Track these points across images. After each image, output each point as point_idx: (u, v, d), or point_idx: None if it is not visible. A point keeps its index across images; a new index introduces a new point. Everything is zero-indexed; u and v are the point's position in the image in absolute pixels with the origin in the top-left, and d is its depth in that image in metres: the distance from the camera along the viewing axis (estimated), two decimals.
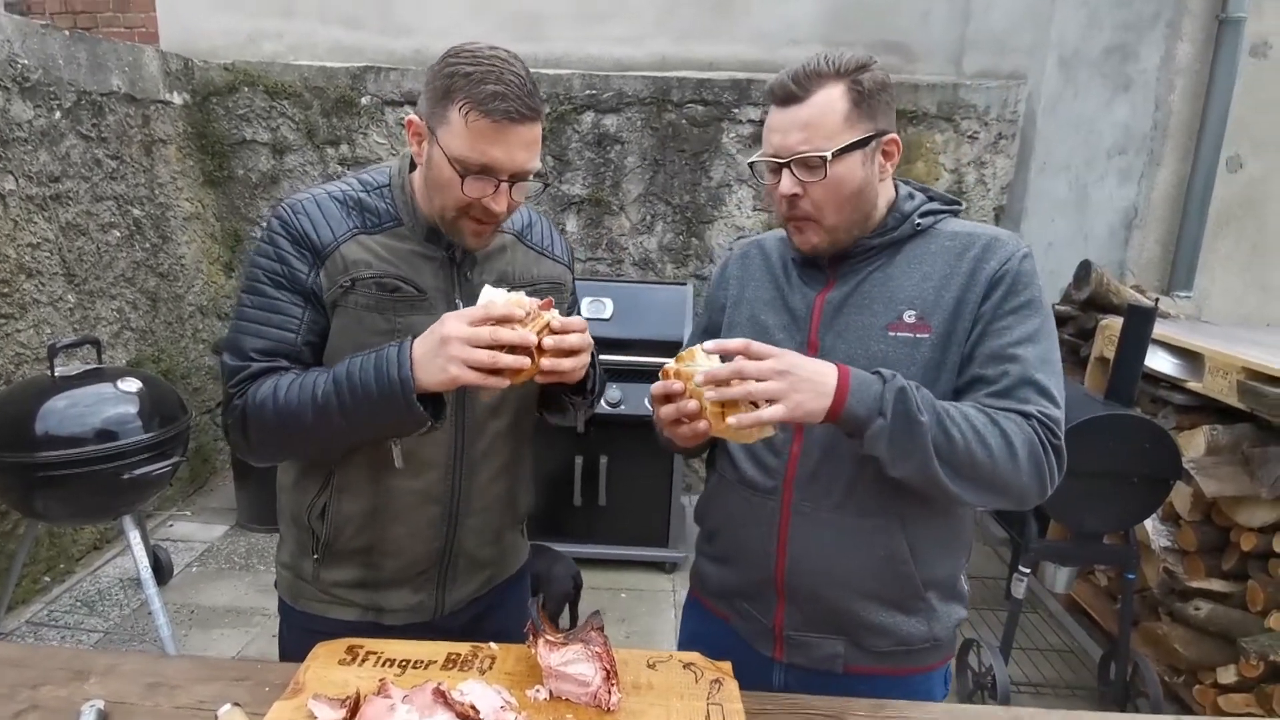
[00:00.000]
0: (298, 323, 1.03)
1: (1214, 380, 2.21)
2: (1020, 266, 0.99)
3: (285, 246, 1.03)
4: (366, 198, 1.06)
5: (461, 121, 0.94)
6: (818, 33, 3.75)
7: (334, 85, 3.61)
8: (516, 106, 0.93)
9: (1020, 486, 0.94)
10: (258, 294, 1.04)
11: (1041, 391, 0.96)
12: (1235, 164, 3.18)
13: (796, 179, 0.98)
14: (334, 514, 1.10)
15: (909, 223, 1.04)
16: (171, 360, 3.49)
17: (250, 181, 3.74)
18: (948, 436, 0.90)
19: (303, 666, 0.96)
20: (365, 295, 1.03)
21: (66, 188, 2.86)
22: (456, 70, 0.94)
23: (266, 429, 1.01)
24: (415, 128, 1.01)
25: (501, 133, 0.94)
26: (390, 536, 1.11)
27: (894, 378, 0.91)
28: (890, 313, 1.01)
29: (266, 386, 1.00)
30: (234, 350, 1.04)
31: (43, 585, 2.81)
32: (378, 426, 0.98)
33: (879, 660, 1.07)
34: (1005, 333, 0.97)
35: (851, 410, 0.89)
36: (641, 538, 3.14)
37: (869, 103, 0.97)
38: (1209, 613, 2.20)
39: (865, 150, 0.98)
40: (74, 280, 2.91)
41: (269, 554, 3.21)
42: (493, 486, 1.16)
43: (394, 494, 1.10)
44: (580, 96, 3.57)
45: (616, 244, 3.74)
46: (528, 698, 0.90)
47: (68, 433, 2.20)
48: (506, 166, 0.96)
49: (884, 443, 0.90)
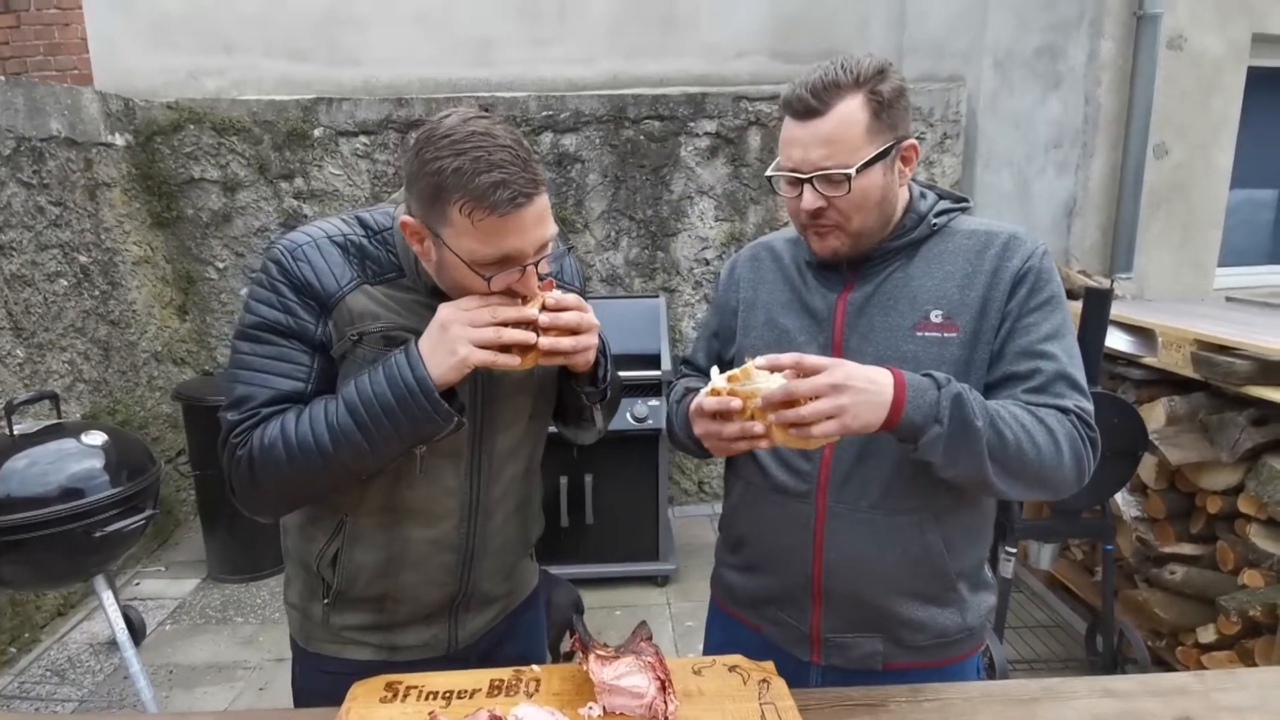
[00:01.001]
0: (307, 371, 0.98)
1: (1168, 354, 2.34)
2: (1042, 264, 1.01)
3: (289, 295, 0.97)
4: (368, 244, 1.00)
5: (466, 221, 0.87)
6: (764, 45, 3.86)
7: (284, 118, 3.54)
8: (521, 189, 0.86)
9: (1063, 479, 0.96)
10: (261, 343, 0.97)
11: (1074, 386, 0.98)
12: (1161, 151, 3.37)
13: (819, 194, 0.98)
14: (346, 563, 1.06)
15: (925, 223, 1.05)
16: (128, 410, 3.35)
17: (201, 221, 3.63)
18: (1001, 438, 0.91)
19: (344, 709, 0.93)
20: (372, 349, 0.98)
21: (9, 238, 2.74)
22: (442, 167, 0.86)
23: (281, 472, 0.95)
24: (411, 228, 0.93)
25: (513, 222, 0.87)
26: (405, 584, 1.08)
27: (949, 383, 0.91)
28: (916, 312, 1.02)
29: (273, 427, 0.95)
30: (236, 404, 0.97)
31: (9, 656, 2.65)
32: (403, 436, 0.93)
33: (916, 655, 1.09)
34: (1033, 329, 0.99)
35: (909, 419, 0.89)
36: (632, 553, 3.13)
37: (888, 112, 0.97)
38: (1184, 575, 2.30)
39: (886, 160, 0.98)
40: (22, 334, 2.78)
41: (245, 604, 3.09)
42: (506, 528, 1.14)
43: (409, 544, 1.06)
44: (537, 118, 3.58)
45: (583, 261, 3.75)
46: (581, 716, 0.90)
47: (30, 493, 2.09)
48: (528, 252, 0.91)
49: (940, 449, 0.89)
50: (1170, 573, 2.34)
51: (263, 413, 0.96)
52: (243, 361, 0.98)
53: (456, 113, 0.91)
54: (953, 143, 3.76)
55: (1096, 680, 1.06)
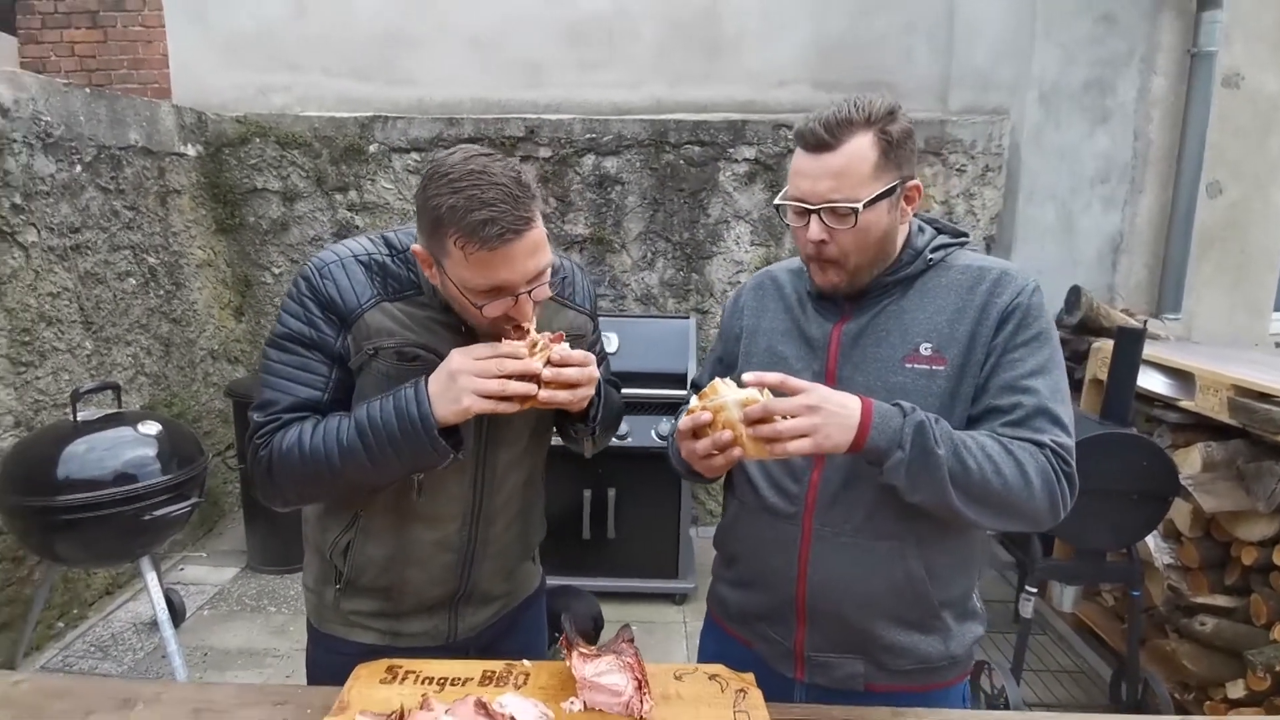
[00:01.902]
0: (325, 381, 1.07)
1: (1205, 398, 2.28)
2: (1031, 300, 1.04)
3: (314, 310, 1.06)
4: (390, 263, 1.09)
5: (460, 254, 0.94)
6: (806, 74, 3.91)
7: (342, 134, 3.73)
8: (509, 225, 0.92)
9: (1034, 511, 0.99)
10: (287, 352, 1.07)
11: (1054, 421, 1.00)
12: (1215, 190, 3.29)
13: (825, 225, 1.02)
14: (356, 554, 1.15)
15: (922, 258, 1.09)
16: (184, 404, 3.55)
17: (261, 228, 3.84)
18: (964, 466, 0.95)
19: (346, 687, 1.00)
20: (386, 364, 1.06)
21: (85, 238, 2.95)
22: (440, 204, 0.93)
23: (293, 475, 1.04)
24: (421, 257, 1.02)
25: (502, 256, 0.94)
26: (409, 579, 1.17)
27: (914, 411, 0.96)
28: (906, 345, 1.06)
29: (291, 434, 1.04)
30: (262, 407, 1.07)
31: (56, 631, 2.82)
32: (403, 463, 1.02)
33: (899, 679, 1.10)
34: (1018, 364, 1.02)
35: (873, 443, 0.94)
36: (651, 569, 3.16)
37: (896, 152, 1.01)
38: (1214, 627, 2.23)
39: (891, 199, 1.02)
40: (91, 327, 2.98)
41: (280, 595, 3.22)
42: (507, 533, 1.22)
43: (414, 544, 1.14)
44: (581, 140, 3.70)
45: (619, 281, 3.83)
46: (563, 710, 0.94)
47: (88, 476, 2.25)
48: (518, 283, 0.97)
49: (902, 473, 0.94)
50: (1201, 624, 2.26)
51: (283, 418, 1.06)
52: (270, 368, 1.08)
53: (460, 150, 0.98)
54: (994, 175, 3.73)
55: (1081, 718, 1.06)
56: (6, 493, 2.23)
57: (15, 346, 2.61)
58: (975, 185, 3.74)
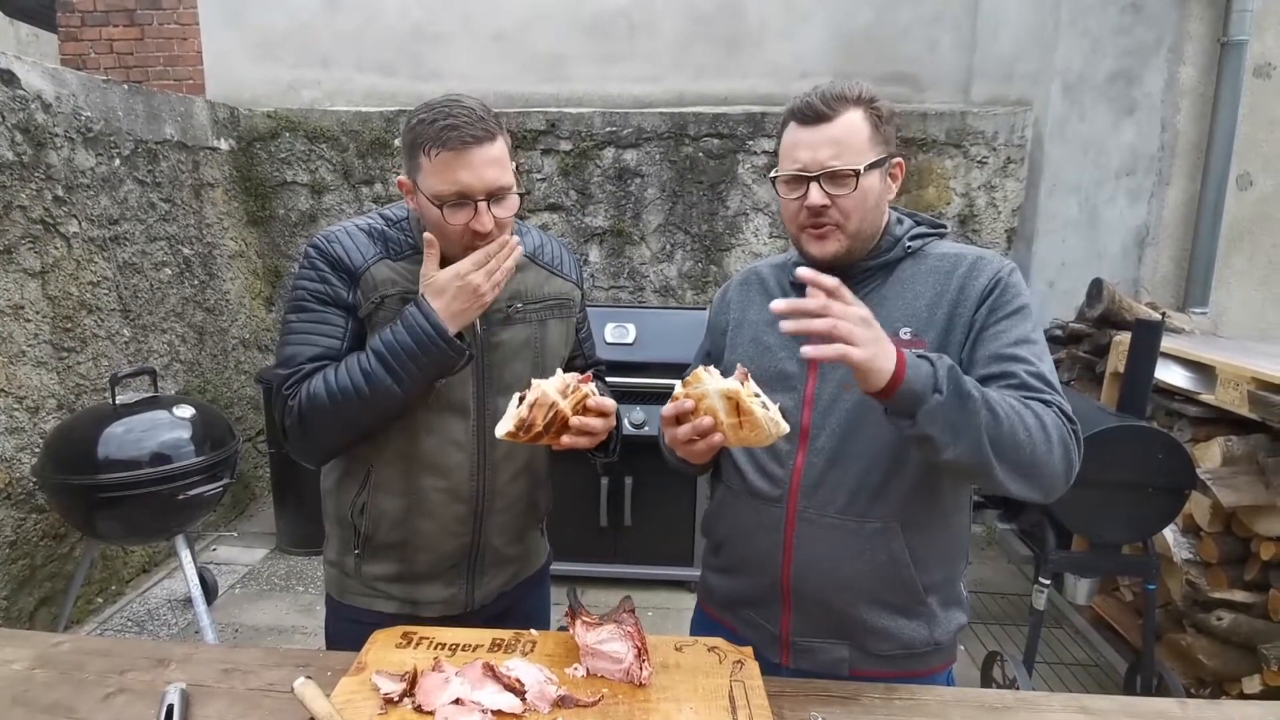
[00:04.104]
0: (342, 331, 1.17)
1: (1225, 392, 2.26)
2: (1009, 278, 1.06)
3: (325, 269, 1.17)
4: (389, 230, 1.21)
5: (429, 161, 1.06)
6: (828, 65, 3.91)
7: (369, 128, 3.82)
8: (470, 131, 1.05)
9: (1052, 471, 0.97)
10: (304, 310, 1.18)
11: (1051, 386, 1.01)
12: (1245, 182, 3.23)
13: (825, 192, 1.04)
14: (371, 509, 1.23)
15: (900, 245, 1.12)
16: (216, 390, 3.66)
17: (290, 220, 3.95)
18: (995, 416, 0.91)
19: (364, 650, 1.06)
20: (391, 312, 1.15)
21: (124, 229, 3.07)
22: (418, 123, 1.07)
23: (324, 415, 1.12)
24: (404, 186, 1.14)
25: (462, 158, 1.05)
26: (422, 532, 1.24)
27: (941, 358, 0.92)
28: (886, 330, 1.04)
29: (316, 379, 1.13)
30: (286, 361, 1.17)
31: (95, 606, 2.94)
32: (424, 372, 1.10)
33: (882, 664, 1.12)
34: (1003, 335, 1.03)
35: (909, 385, 0.89)
36: (667, 557, 3.20)
37: (884, 128, 1.06)
38: (1231, 623, 2.21)
39: (882, 169, 1.07)
40: (129, 315, 3.10)
41: (308, 576, 3.32)
42: (512, 486, 1.28)
43: (424, 493, 1.22)
44: (601, 133, 3.74)
45: (638, 272, 3.87)
46: (567, 675, 0.99)
47: (126, 456, 2.35)
48: (477, 187, 1.07)
49: (939, 420, 0.89)
50: (1218, 619, 2.25)
51: (306, 368, 1.15)
52: (291, 328, 1.19)
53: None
54: (1016, 167, 3.70)
55: (1073, 697, 1.08)
56: (50, 472, 2.35)
57: (58, 333, 2.73)
58: (997, 177, 3.71)
